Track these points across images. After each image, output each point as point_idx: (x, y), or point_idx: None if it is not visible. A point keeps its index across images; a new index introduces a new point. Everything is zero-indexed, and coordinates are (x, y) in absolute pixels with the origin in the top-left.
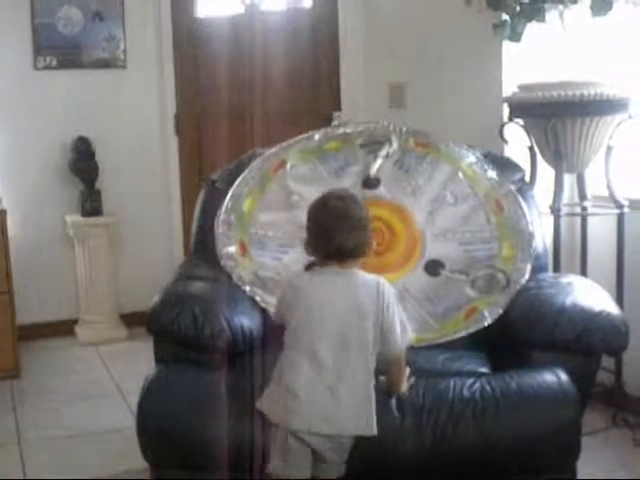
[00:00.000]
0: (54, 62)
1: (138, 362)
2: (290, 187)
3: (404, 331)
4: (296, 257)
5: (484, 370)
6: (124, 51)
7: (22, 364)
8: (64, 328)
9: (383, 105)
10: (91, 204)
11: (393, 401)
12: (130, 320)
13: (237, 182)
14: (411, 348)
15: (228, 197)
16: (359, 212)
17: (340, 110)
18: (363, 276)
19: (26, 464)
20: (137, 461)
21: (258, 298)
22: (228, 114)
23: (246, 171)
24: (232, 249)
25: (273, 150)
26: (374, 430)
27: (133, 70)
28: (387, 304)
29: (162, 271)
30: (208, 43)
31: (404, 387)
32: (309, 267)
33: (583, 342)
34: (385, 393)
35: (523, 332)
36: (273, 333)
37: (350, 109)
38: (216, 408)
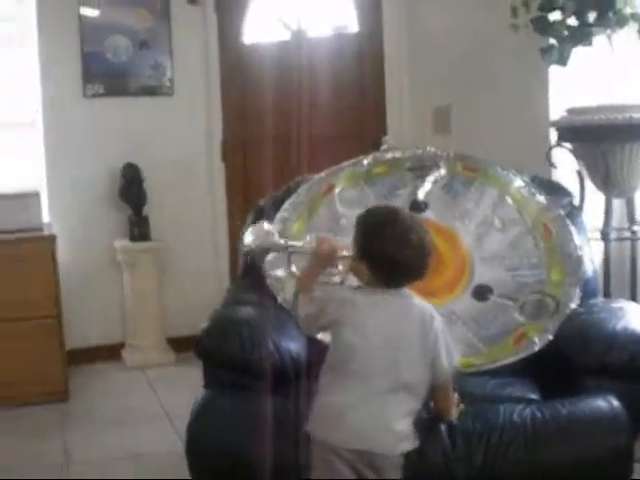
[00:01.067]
0: (102, 90)
1: (185, 386)
2: (338, 211)
3: (450, 357)
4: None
5: (534, 396)
6: (170, 79)
7: (71, 388)
8: (112, 352)
9: (429, 129)
10: (139, 230)
11: (443, 427)
12: (177, 344)
13: (285, 206)
14: (460, 373)
15: (276, 220)
16: (428, 237)
17: (386, 134)
18: (414, 299)
19: None
20: None
21: None
22: (274, 140)
23: (294, 195)
24: (280, 272)
25: (321, 175)
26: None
27: (180, 97)
28: (437, 330)
29: (209, 296)
30: (254, 69)
31: (454, 413)
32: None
33: (635, 367)
34: (435, 419)
35: (573, 358)
36: (319, 357)
37: (396, 134)
38: (264, 432)
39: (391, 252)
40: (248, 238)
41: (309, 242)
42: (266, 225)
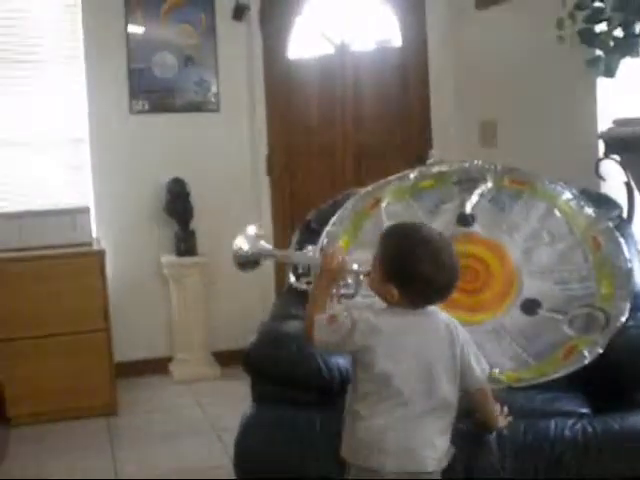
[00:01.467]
0: (148, 106)
1: (231, 400)
2: (385, 226)
3: (479, 363)
4: None
5: (584, 410)
6: (215, 94)
7: (119, 401)
8: (159, 366)
9: (475, 142)
10: (185, 244)
11: (493, 439)
12: (223, 358)
13: (332, 221)
14: (509, 388)
15: (323, 235)
16: (456, 256)
17: (431, 148)
18: (440, 314)
19: None
20: None
21: None
22: (319, 153)
23: (341, 210)
24: None
25: (368, 189)
26: (438, 467)
27: (225, 112)
28: (463, 340)
29: (254, 310)
30: (299, 84)
31: (501, 421)
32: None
33: None
34: (482, 430)
35: (624, 372)
36: None
37: (442, 147)
38: (312, 447)
39: (426, 273)
40: (243, 245)
41: (311, 252)
42: (251, 229)
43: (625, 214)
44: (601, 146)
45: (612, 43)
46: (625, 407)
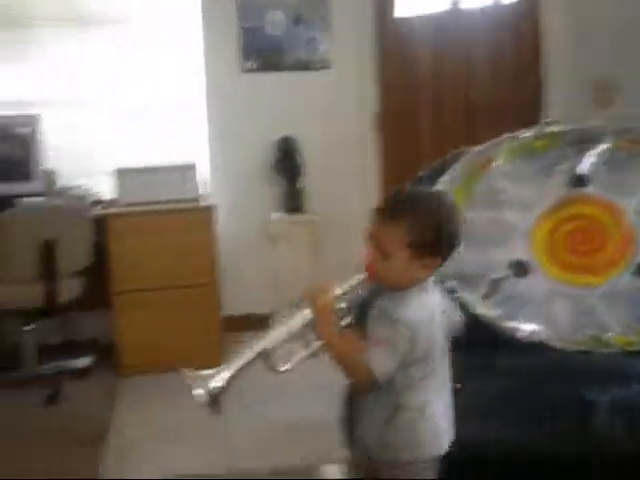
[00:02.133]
0: (258, 65)
1: None
2: (497, 185)
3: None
4: (499, 255)
5: None
6: (324, 53)
7: (225, 354)
8: (263, 322)
9: (589, 103)
10: (293, 202)
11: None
12: None
13: (443, 179)
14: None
15: None
16: None
17: (544, 108)
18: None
19: (231, 453)
20: None
21: (460, 294)
22: (429, 112)
23: (452, 168)
24: None
25: (480, 148)
26: None
27: (335, 70)
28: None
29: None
30: (410, 42)
31: None
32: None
33: None
34: None
35: None
36: (476, 332)
37: (555, 107)
38: None
39: (456, 233)
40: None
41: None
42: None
43: None
44: None
45: None
46: None
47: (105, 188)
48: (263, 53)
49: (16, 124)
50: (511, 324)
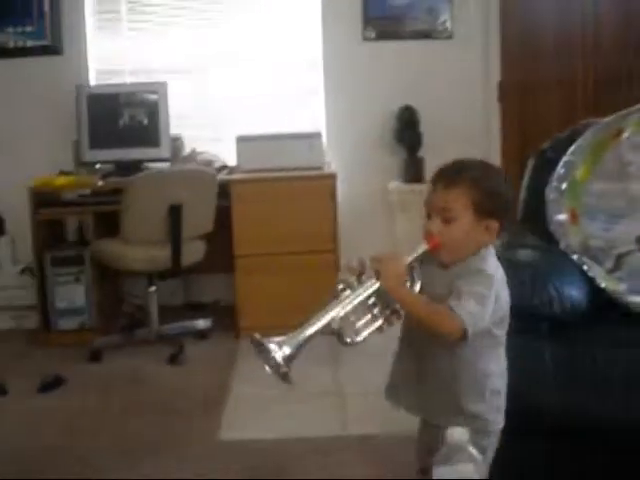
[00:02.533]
0: (379, 33)
1: None
2: (626, 158)
3: None
4: (626, 229)
5: None
6: (444, 22)
7: None
8: None
9: None
10: (413, 171)
11: None
12: None
13: (571, 150)
14: None
15: (560, 165)
16: None
17: None
18: None
19: (347, 415)
20: None
21: (586, 267)
22: (554, 82)
23: (580, 139)
24: (562, 217)
25: (609, 119)
26: None
27: (458, 40)
28: None
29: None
30: (534, 10)
31: None
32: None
33: None
34: None
35: None
36: (600, 306)
37: None
38: (541, 376)
39: (511, 202)
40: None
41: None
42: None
43: None
44: None
45: None
46: None
47: (230, 154)
48: (384, 21)
49: (145, 91)
50: (636, 299)
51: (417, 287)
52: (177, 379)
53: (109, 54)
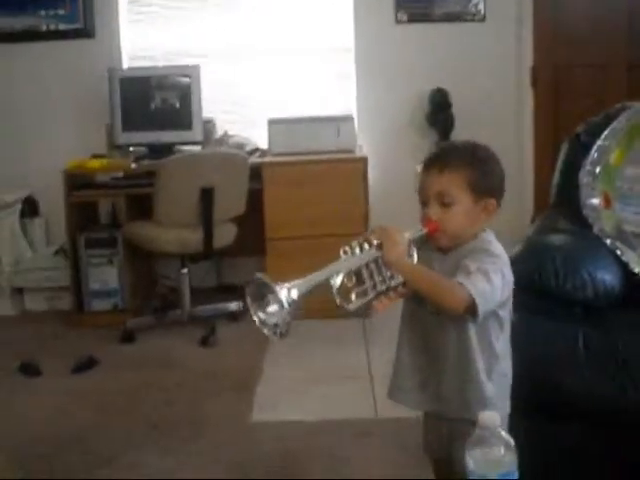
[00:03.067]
0: (410, 16)
1: None
2: None
3: None
4: None
5: None
6: (477, 4)
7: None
8: None
9: None
10: None
11: None
12: None
13: (605, 134)
14: None
15: (594, 149)
16: None
17: None
18: None
19: (377, 397)
20: None
21: (619, 252)
22: (588, 66)
23: (614, 123)
24: (595, 201)
25: None
26: None
27: (491, 23)
28: None
29: (512, 223)
30: None
31: None
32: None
33: None
34: None
35: None
36: (633, 291)
37: None
38: (573, 361)
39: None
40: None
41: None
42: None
43: None
44: None
45: None
46: None
47: (262, 137)
48: (415, 4)
49: (177, 74)
50: None
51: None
52: (209, 361)
53: (141, 37)
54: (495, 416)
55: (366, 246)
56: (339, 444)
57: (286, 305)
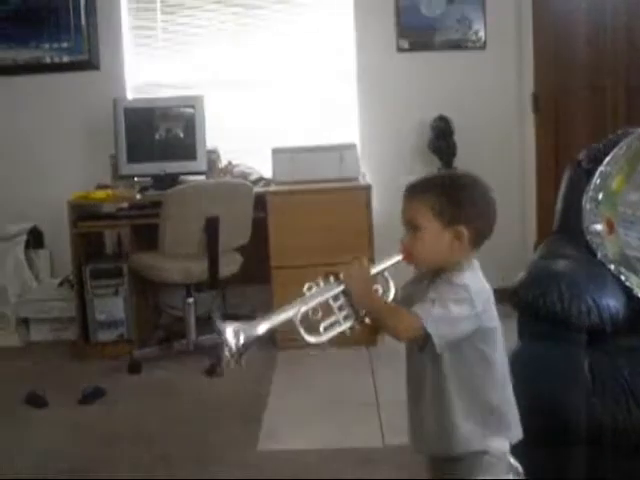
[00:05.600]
0: (411, 44)
1: None
2: None
3: None
4: None
5: None
6: (476, 32)
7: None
8: None
9: None
10: None
11: None
12: None
13: (606, 160)
14: None
15: (597, 174)
16: None
17: None
18: None
19: (383, 424)
20: None
21: (623, 277)
22: (588, 91)
23: (616, 149)
24: (598, 227)
25: None
26: None
27: (491, 50)
28: None
29: (514, 249)
30: (568, 19)
31: None
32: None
33: None
34: None
35: None
36: (638, 316)
37: None
38: (579, 386)
39: (489, 208)
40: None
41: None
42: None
43: None
44: None
45: None
46: None
47: (266, 167)
48: (417, 32)
49: (181, 105)
50: None
51: (390, 295)
52: (215, 390)
53: (145, 68)
54: (504, 443)
55: (332, 279)
56: (345, 472)
57: (234, 349)
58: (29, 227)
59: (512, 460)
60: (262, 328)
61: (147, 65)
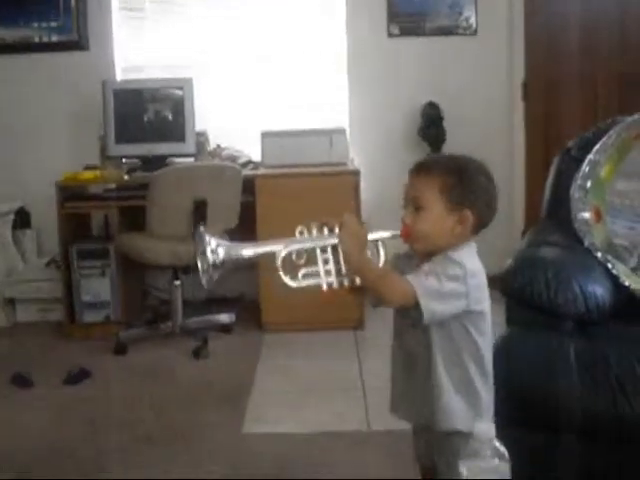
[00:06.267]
0: (402, 29)
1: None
2: None
3: None
4: None
5: None
6: (467, 18)
7: (366, 317)
8: None
9: None
10: None
11: None
12: None
13: (595, 149)
14: None
15: (585, 163)
16: None
17: None
18: None
19: (369, 409)
20: None
21: (610, 265)
22: (578, 81)
23: (605, 138)
24: (586, 215)
25: (635, 117)
26: None
27: (482, 37)
28: None
29: (502, 237)
30: (559, 7)
31: None
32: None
33: None
34: None
35: None
36: (624, 304)
37: None
38: (565, 374)
39: (492, 191)
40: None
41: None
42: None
43: None
44: None
45: None
46: None
47: (255, 150)
48: (408, 18)
49: (170, 87)
50: None
51: (380, 263)
52: (200, 372)
53: (135, 49)
54: (490, 427)
55: (326, 230)
56: (330, 455)
57: (210, 262)
58: (16, 207)
59: (498, 444)
60: (246, 252)
61: (136, 46)
